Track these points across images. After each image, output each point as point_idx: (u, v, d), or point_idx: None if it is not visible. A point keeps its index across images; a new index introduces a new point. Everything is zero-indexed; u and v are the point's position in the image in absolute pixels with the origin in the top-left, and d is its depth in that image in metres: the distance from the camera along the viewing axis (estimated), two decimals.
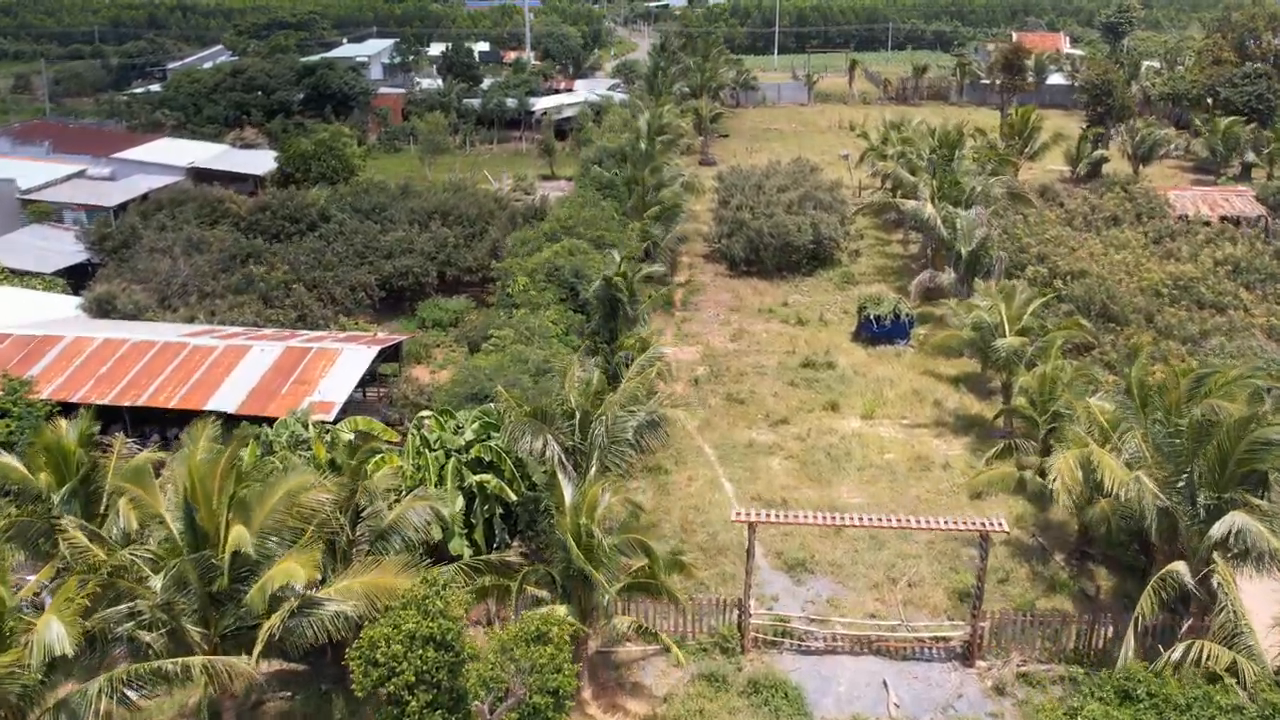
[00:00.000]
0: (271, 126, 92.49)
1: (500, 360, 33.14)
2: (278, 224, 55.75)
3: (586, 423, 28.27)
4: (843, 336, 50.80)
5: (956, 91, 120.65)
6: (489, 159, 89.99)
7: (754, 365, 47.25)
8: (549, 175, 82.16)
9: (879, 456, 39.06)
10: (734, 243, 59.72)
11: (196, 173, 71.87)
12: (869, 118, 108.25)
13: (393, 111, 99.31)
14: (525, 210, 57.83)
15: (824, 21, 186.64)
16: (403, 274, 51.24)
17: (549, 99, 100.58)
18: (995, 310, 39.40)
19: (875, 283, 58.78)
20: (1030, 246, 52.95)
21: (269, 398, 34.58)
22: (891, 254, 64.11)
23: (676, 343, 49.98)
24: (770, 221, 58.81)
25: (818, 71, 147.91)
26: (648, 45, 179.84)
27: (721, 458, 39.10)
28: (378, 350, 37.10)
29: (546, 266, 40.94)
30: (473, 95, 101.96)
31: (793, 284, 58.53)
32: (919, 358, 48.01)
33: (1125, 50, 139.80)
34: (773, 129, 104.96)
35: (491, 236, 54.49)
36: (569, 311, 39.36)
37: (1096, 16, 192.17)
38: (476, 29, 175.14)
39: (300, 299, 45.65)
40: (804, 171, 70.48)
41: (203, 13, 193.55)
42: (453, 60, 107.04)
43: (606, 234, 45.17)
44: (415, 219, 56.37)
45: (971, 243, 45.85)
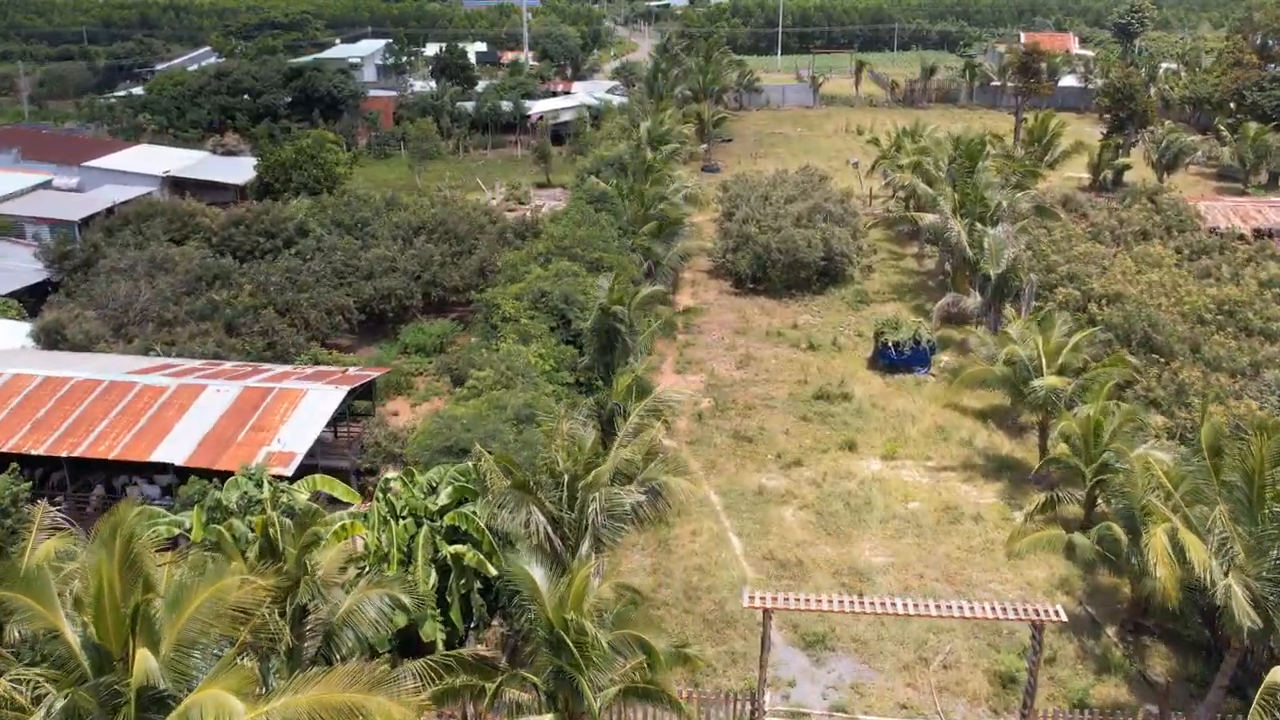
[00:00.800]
0: (257, 131, 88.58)
1: (479, 407, 29.29)
2: (252, 240, 51.91)
3: (576, 490, 24.39)
4: (858, 363, 46.91)
5: (966, 94, 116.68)
6: (483, 165, 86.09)
7: (763, 397, 43.37)
8: (544, 183, 78.27)
9: (902, 505, 35.18)
10: (739, 258, 55.83)
11: (173, 182, 68.03)
12: (877, 121, 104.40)
13: (384, 115, 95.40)
14: (517, 225, 53.94)
15: (828, 21, 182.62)
16: (384, 296, 47.39)
17: (546, 102, 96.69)
18: (1031, 344, 35.50)
19: (890, 301, 54.89)
20: (1058, 265, 49.03)
21: (222, 447, 30.71)
22: (906, 270, 60.19)
23: (679, 369, 46.11)
24: (778, 236, 54.92)
25: (822, 73, 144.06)
26: (648, 45, 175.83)
27: (728, 507, 35.24)
28: (347, 391, 33.23)
29: (534, 293, 37.06)
30: (467, 98, 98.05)
31: (802, 303, 54.63)
32: (941, 388, 44.12)
33: (1138, 51, 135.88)
34: (777, 133, 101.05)
35: (480, 254, 50.62)
36: (559, 344, 35.49)
37: (1106, 16, 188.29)
38: (474, 29, 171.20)
39: (269, 325, 41.79)
40: (813, 181, 66.59)
41: (196, 12, 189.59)
42: (447, 62, 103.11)
43: (604, 255, 41.29)
44: (399, 234, 52.51)
45: (1000, 264, 41.95)
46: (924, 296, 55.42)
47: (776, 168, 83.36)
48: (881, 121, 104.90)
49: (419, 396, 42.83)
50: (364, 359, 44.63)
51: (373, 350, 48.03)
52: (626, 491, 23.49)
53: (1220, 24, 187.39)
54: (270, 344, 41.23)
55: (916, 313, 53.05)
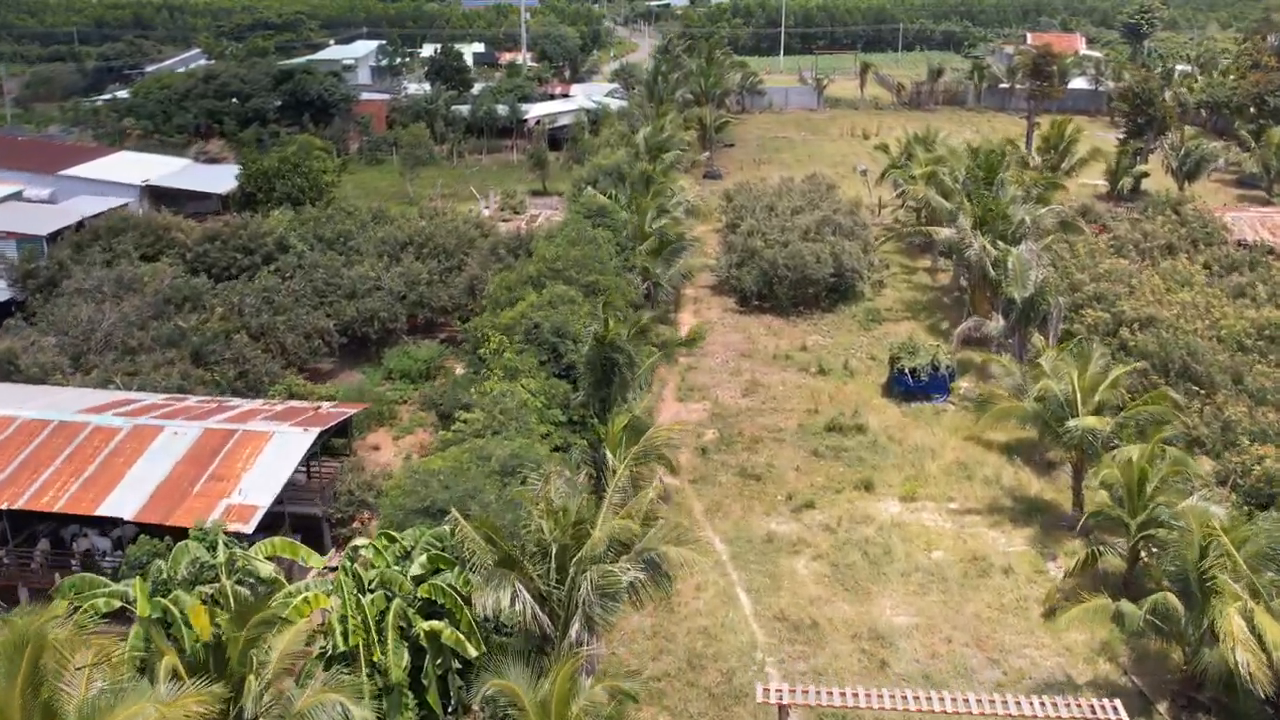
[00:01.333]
0: (244, 136, 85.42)
1: (459, 458, 26.26)
2: (228, 256, 48.86)
3: (565, 562, 21.38)
4: (872, 390, 43.86)
5: (974, 96, 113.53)
6: (477, 172, 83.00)
7: (771, 428, 40.33)
8: (540, 191, 75.19)
9: (925, 555, 32.15)
10: (745, 274, 52.79)
11: (153, 192, 64.96)
12: (883, 125, 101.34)
13: (376, 119, 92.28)
14: (510, 240, 50.86)
15: (830, 21, 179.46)
16: (367, 318, 44.34)
17: (543, 106, 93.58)
18: (1065, 378, 32.46)
19: (903, 320, 51.84)
20: (1083, 284, 45.96)
21: (177, 500, 27.70)
22: (919, 285, 57.10)
23: (681, 396, 43.08)
24: (785, 251, 51.87)
25: (826, 74, 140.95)
26: (648, 46, 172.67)
27: (736, 556, 32.22)
28: (316, 433, 30.19)
29: (525, 324, 34.01)
30: (462, 101, 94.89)
31: (811, 322, 51.57)
32: (961, 418, 41.09)
33: (1148, 52, 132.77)
34: (781, 137, 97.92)
35: (470, 271, 47.58)
36: (551, 379, 32.46)
37: (1114, 16, 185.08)
38: (472, 29, 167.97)
39: (241, 352, 38.75)
40: (820, 191, 63.56)
41: (190, 12, 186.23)
42: (441, 64, 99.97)
43: (600, 278, 38.24)
44: (385, 250, 49.47)
45: (1026, 287, 38.87)
46: (939, 314, 52.39)
47: (781, 175, 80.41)
48: (888, 125, 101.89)
49: (402, 428, 39.81)
50: (344, 387, 41.60)
51: (355, 375, 45.00)
52: (622, 568, 20.45)
53: (1228, 24, 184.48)
54: (242, 373, 38.21)
55: (931, 332, 50.09)
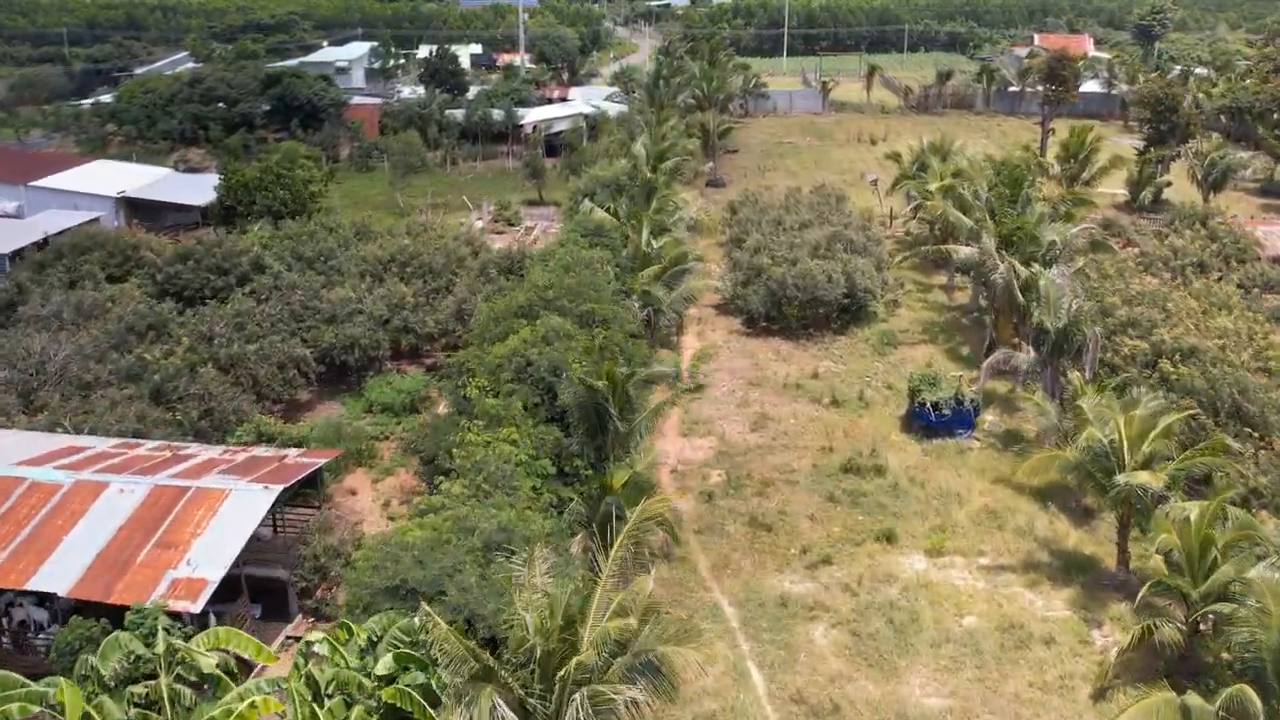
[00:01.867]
0: (230, 143, 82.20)
1: (438, 527, 23.01)
2: (201, 277, 45.59)
3: (551, 670, 18.14)
4: (889, 423, 40.59)
5: (983, 100, 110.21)
6: (471, 180, 79.70)
7: (782, 468, 37.06)
8: (536, 200, 71.94)
9: (956, 621, 28.89)
10: (751, 293, 49.53)
11: (129, 204, 61.73)
12: (890, 129, 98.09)
13: (368, 124, 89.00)
14: (502, 259, 47.57)
15: (834, 22, 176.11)
16: (347, 345, 41.08)
17: (540, 110, 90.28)
18: (1111, 425, 29.20)
19: (920, 343, 48.56)
20: (1116, 307, 42.67)
21: (118, 571, 24.46)
22: (935, 304, 53.80)
23: (685, 431, 39.80)
24: (794, 270, 48.59)
25: (830, 75, 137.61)
26: (649, 46, 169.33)
27: (746, 622, 28.98)
28: (279, 491, 26.92)
29: (516, 361, 30.75)
30: (457, 105, 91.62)
31: (822, 345, 48.29)
32: (988, 457, 37.83)
33: (1159, 54, 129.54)
34: (786, 142, 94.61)
35: (459, 294, 44.33)
36: (541, 425, 29.20)
37: (1123, 17, 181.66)
38: (469, 30, 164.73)
39: (207, 387, 35.47)
40: (830, 203, 60.35)
41: (184, 12, 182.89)
42: (436, 67, 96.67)
43: (596, 307, 34.96)
44: (367, 270, 46.22)
45: (1060, 317, 35.57)
46: (958, 338, 49.13)
47: (787, 184, 77.12)
48: (895, 130, 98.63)
49: (382, 469, 36.57)
50: (319, 423, 38.31)
51: (334, 406, 41.76)
52: (615, 688, 17.18)
53: (1237, 25, 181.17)
54: (207, 411, 34.95)
55: (951, 358, 46.84)
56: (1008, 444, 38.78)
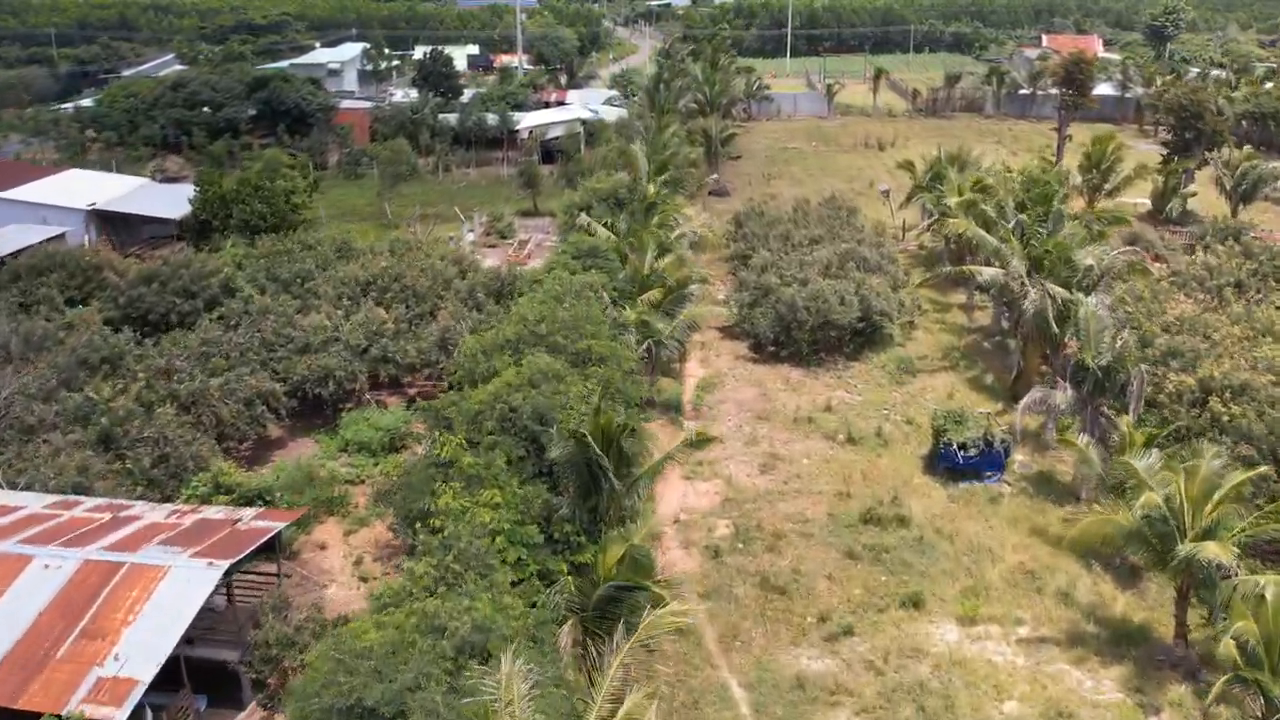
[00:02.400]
0: (214, 150, 78.77)
1: (401, 626, 19.57)
2: (167, 301, 42.15)
3: None
4: (911, 464, 37.12)
5: (993, 103, 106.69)
6: (464, 188, 76.19)
7: (795, 517, 33.61)
8: (531, 210, 68.44)
9: (996, 708, 25.45)
10: (759, 315, 46.04)
11: (101, 217, 58.26)
12: (899, 134, 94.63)
13: (357, 129, 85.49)
14: (490, 281, 44.06)
15: (837, 22, 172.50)
16: (321, 378, 37.62)
17: (536, 115, 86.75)
18: (1171, 486, 25.75)
19: (940, 370, 45.10)
20: (1155, 336, 39.18)
21: (34, 667, 21.03)
22: (954, 326, 50.33)
23: (688, 474, 36.33)
24: (805, 291, 45.12)
25: (834, 76, 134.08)
26: (649, 47, 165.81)
27: (759, 709, 25.53)
28: (225, 568, 23.45)
29: (500, 408, 27.28)
30: (451, 110, 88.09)
31: (835, 373, 44.82)
32: (1021, 505, 34.39)
33: (1171, 55, 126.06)
34: (790, 147, 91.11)
35: (443, 320, 40.87)
36: (528, 485, 25.73)
37: (1130, 17, 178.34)
38: (466, 30, 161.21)
39: (163, 431, 32.01)
40: (840, 216, 56.89)
41: (177, 12, 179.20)
42: (429, 69, 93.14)
43: (592, 343, 31.48)
44: (346, 293, 42.73)
45: (1103, 353, 32.10)
46: (980, 364, 45.65)
47: (793, 192, 73.81)
48: (904, 134, 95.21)
49: (356, 519, 33.11)
50: (287, 468, 34.81)
51: (307, 444, 38.31)
52: None
53: (1247, 25, 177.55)
54: (162, 457, 31.49)
55: (974, 386, 43.38)
56: (1041, 488, 35.35)
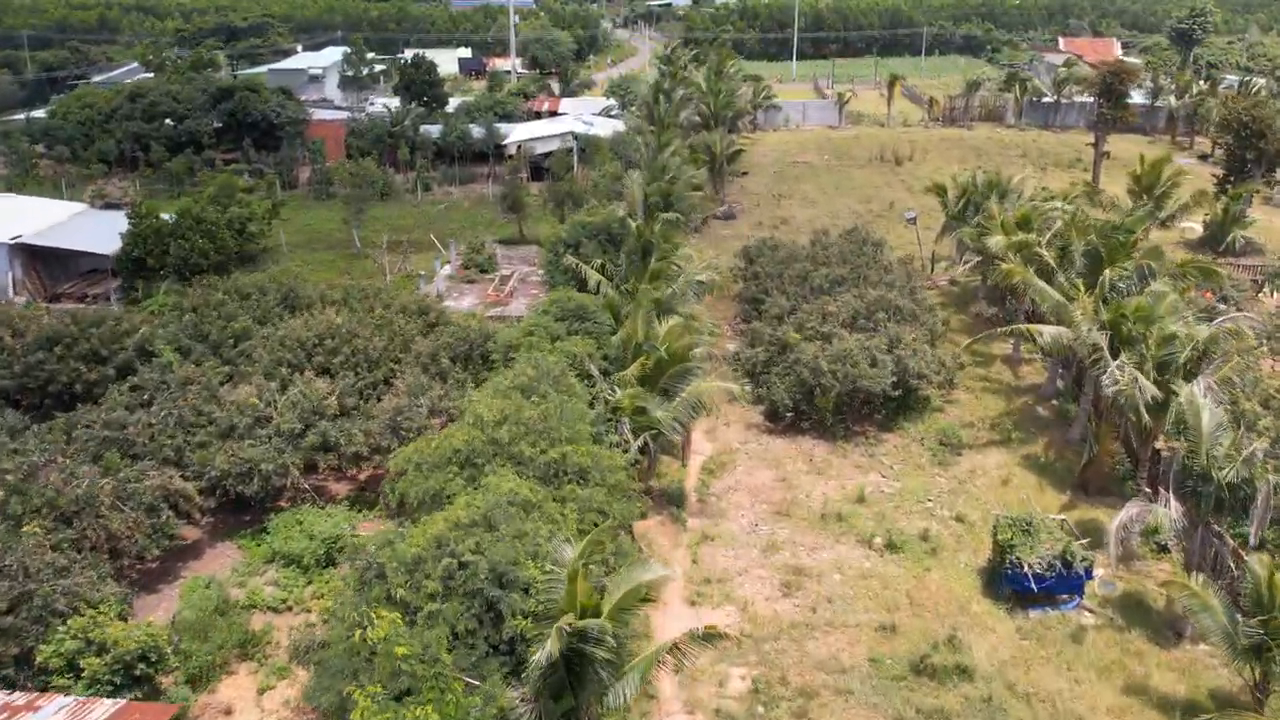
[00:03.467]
0: (173, 166, 71.70)
1: None
2: (71, 369, 35.11)
3: None
4: (967, 581, 30.01)
5: (1014, 112, 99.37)
6: (444, 210, 68.97)
7: (828, 664, 26.47)
8: (516, 238, 61.25)
9: None
10: (776, 380, 38.96)
11: (27, 251, 51.11)
12: (916, 147, 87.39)
13: (331, 144, 78.34)
14: (457, 343, 36.84)
15: (843, 24, 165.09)
16: (243, 473, 30.51)
17: (525, 128, 79.51)
18: None
19: (990, 444, 37.98)
20: (1256, 417, 32.04)
21: None
22: (1000, 384, 43.16)
23: (693, 597, 29.19)
24: (830, 351, 38.03)
25: (843, 81, 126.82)
26: (649, 49, 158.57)
27: None
28: None
29: (445, 563, 20.19)
30: (435, 121, 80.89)
31: (866, 449, 37.69)
32: (1109, 640, 27.31)
33: (1196, 60, 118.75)
34: (801, 162, 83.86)
35: (399, 391, 33.74)
36: (486, 679, 18.64)
37: (1148, 19, 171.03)
38: (458, 33, 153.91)
39: (23, 561, 24.88)
40: (864, 249, 49.67)
41: (160, 14, 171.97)
42: (411, 77, 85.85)
43: (570, 450, 24.36)
44: (285, 357, 35.57)
45: (1223, 465, 24.95)
46: (1037, 435, 38.49)
47: (806, 214, 66.80)
48: (921, 146, 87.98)
49: (275, 668, 25.99)
50: (192, 595, 27.75)
51: (229, 550, 31.26)
52: None
53: (1269, 27, 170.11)
54: (22, 596, 24.37)
55: (1032, 468, 36.25)
56: (1132, 617, 28.25)
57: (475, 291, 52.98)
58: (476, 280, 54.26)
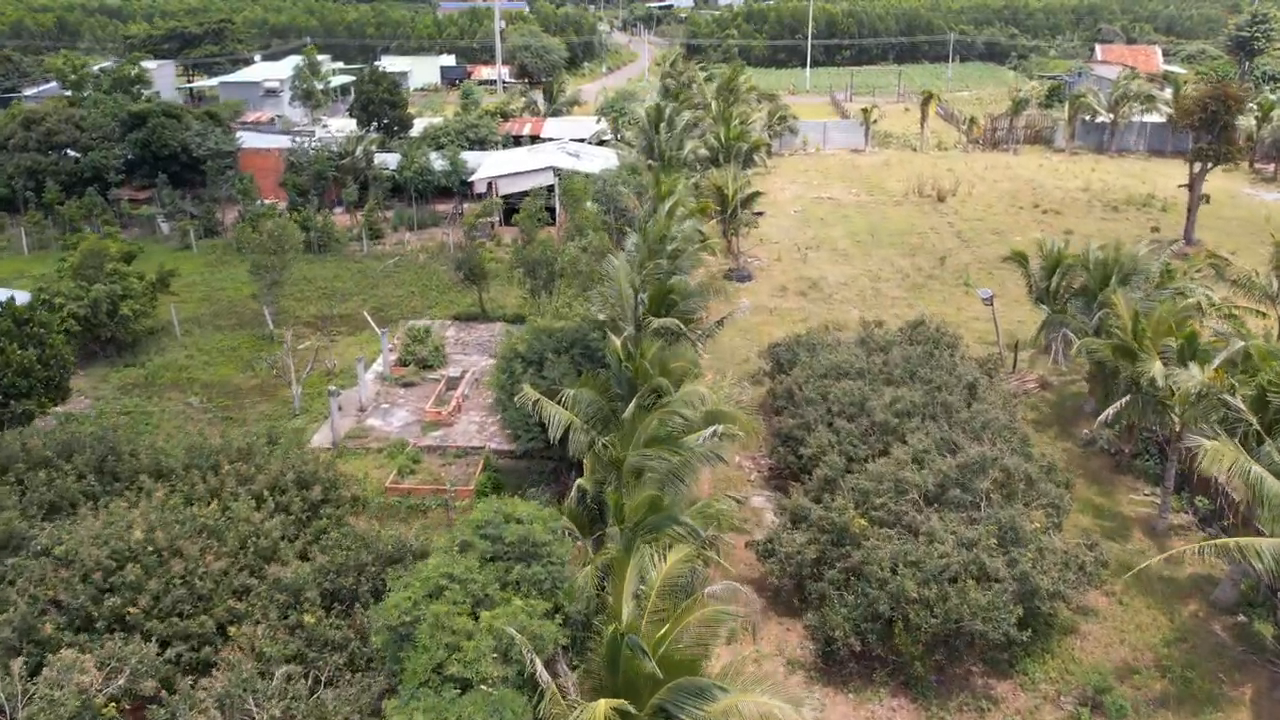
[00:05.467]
0: (68, 210, 57.89)
1: None
2: None
3: None
4: None
5: (1066, 134, 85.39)
6: (394, 267, 55.00)
7: None
8: (474, 313, 47.39)
9: None
10: (832, 596, 25.20)
11: None
12: (959, 176, 73.55)
13: (266, 177, 64.45)
14: (329, 576, 22.91)
15: (858, 29, 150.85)
16: None
17: (500, 159, 65.57)
18: None
19: (1163, 709, 24.14)
20: None
21: None
22: (1151, 588, 29.16)
23: None
24: (915, 555, 24.31)
25: (863, 94, 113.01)
26: (648, 55, 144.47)
27: None
28: None
29: None
30: (395, 148, 66.98)
31: (975, 710, 23.91)
32: None
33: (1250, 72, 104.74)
34: (827, 199, 70.00)
35: (233, 686, 19.88)
36: None
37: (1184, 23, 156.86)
38: (442, 39, 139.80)
39: None
40: (936, 355, 35.82)
41: (126, 17, 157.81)
42: (368, 95, 71.82)
43: None
44: (49, 617, 21.72)
45: None
46: (1227, 688, 24.68)
47: (839, 274, 52.96)
48: (963, 175, 74.18)
49: None
50: None
51: None
52: None
53: None
54: None
55: None
56: None
57: (413, 399, 39.16)
58: (416, 383, 40.35)
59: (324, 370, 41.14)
